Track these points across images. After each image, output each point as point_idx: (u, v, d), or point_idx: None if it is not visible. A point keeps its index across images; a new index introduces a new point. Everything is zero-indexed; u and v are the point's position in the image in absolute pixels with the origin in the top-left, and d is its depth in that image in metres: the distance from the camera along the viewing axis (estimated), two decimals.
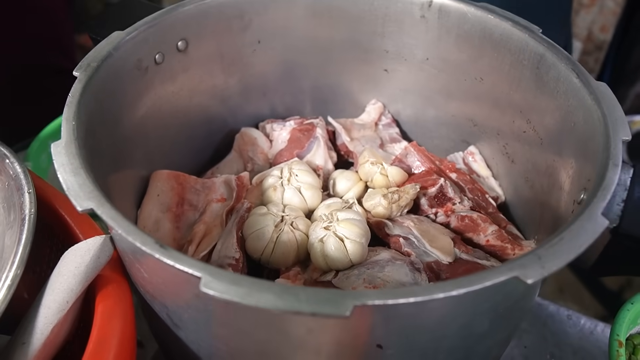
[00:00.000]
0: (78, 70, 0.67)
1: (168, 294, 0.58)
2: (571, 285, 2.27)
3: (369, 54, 0.95)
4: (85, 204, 0.52)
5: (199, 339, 0.59)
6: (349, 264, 0.71)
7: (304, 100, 1.02)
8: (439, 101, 0.94)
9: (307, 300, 0.43)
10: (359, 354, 0.54)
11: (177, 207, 0.80)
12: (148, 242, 0.48)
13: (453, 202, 0.81)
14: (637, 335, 0.78)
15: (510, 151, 0.86)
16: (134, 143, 0.77)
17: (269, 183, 0.81)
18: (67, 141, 0.58)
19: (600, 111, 0.62)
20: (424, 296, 0.43)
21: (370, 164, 0.85)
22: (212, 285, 0.44)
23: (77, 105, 0.62)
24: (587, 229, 0.49)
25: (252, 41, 0.90)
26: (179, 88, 0.85)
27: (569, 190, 0.67)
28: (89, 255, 0.59)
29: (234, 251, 0.72)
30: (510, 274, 0.45)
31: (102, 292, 0.60)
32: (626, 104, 2.68)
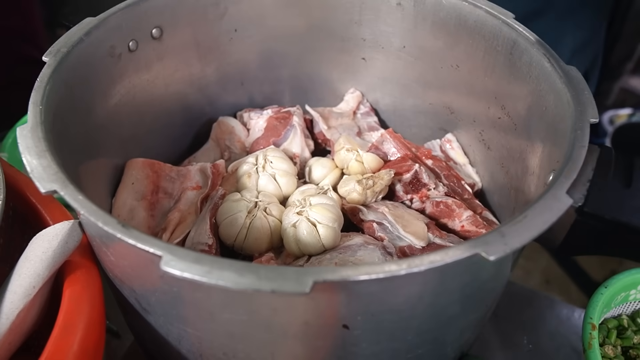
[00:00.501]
0: (47, 56, 0.66)
1: (135, 277, 0.57)
2: (558, 278, 2.28)
3: (347, 43, 0.95)
4: (49, 185, 0.51)
5: (167, 322, 0.59)
6: (322, 248, 0.71)
7: (282, 90, 1.01)
8: (416, 89, 0.94)
9: (267, 277, 0.43)
10: (326, 335, 0.53)
11: (152, 195, 0.80)
12: (110, 222, 0.48)
13: (428, 188, 0.81)
14: (611, 319, 0.78)
15: (486, 138, 0.86)
16: (107, 131, 0.77)
17: (243, 170, 0.81)
18: (33, 125, 0.57)
19: (570, 94, 0.63)
20: (385, 273, 0.43)
21: (346, 150, 0.85)
22: (172, 263, 0.44)
23: (44, 90, 0.62)
24: (551, 207, 0.49)
25: (228, 29, 0.90)
26: (154, 76, 0.84)
27: (540, 174, 0.67)
28: (56, 240, 0.59)
29: (207, 237, 0.72)
30: (472, 251, 0.45)
31: (70, 278, 0.60)
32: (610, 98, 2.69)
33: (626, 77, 2.65)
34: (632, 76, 2.66)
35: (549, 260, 2.32)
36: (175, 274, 0.44)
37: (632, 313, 0.80)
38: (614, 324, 0.77)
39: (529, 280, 2.21)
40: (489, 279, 0.57)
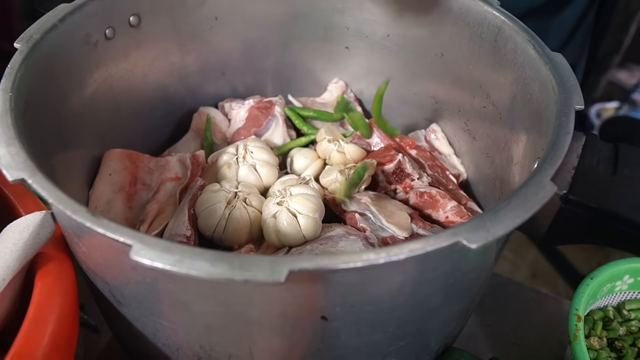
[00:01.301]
0: (19, 42, 0.64)
1: (107, 269, 0.56)
2: (545, 272, 2.28)
3: (330, 32, 0.94)
4: (16, 174, 0.49)
5: (142, 315, 0.57)
6: (302, 239, 0.69)
7: (265, 80, 1.00)
8: (401, 79, 0.93)
9: (241, 266, 0.41)
10: (304, 327, 0.52)
11: (130, 187, 0.78)
12: (79, 211, 0.46)
13: (412, 178, 0.80)
14: (597, 311, 0.77)
15: (471, 127, 0.85)
16: (84, 121, 0.75)
17: (223, 160, 0.80)
18: (2, 112, 0.55)
19: (555, 81, 0.62)
20: (363, 262, 0.42)
21: (328, 141, 0.84)
22: (142, 253, 0.42)
23: (15, 77, 0.60)
24: (535, 194, 0.48)
25: (208, 17, 0.88)
26: (133, 65, 0.83)
27: (524, 163, 0.66)
28: (27, 232, 0.57)
29: (185, 229, 0.70)
30: (453, 239, 0.43)
31: (42, 270, 0.58)
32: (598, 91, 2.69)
33: (613, 70, 2.65)
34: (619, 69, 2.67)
35: (536, 254, 2.32)
36: (145, 263, 0.42)
37: (618, 304, 0.80)
38: (599, 315, 0.77)
39: (516, 274, 2.21)
40: (471, 268, 0.56)
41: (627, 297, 0.79)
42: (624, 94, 2.61)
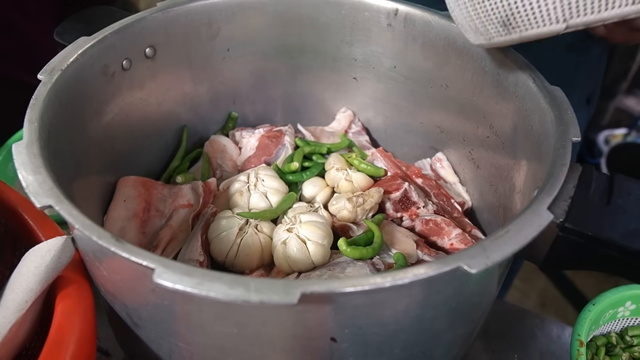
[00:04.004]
0: (43, 74, 0.67)
1: (127, 292, 0.58)
2: (554, 300, 2.28)
3: (338, 63, 0.97)
4: (44, 200, 0.52)
5: (158, 337, 0.60)
6: (311, 265, 0.71)
7: (274, 109, 1.03)
8: (407, 109, 0.96)
9: (256, 289, 0.44)
10: (314, 348, 0.54)
11: (143, 213, 0.80)
12: (104, 236, 0.49)
13: (417, 206, 0.82)
14: (600, 337, 0.78)
15: (475, 157, 0.87)
16: (100, 148, 0.78)
17: (235, 188, 0.82)
18: (28, 141, 0.58)
19: (554, 113, 0.65)
20: (371, 285, 0.44)
21: (336, 170, 0.86)
22: (165, 276, 0.45)
23: (40, 108, 0.63)
24: (532, 222, 0.50)
25: (221, 49, 0.92)
26: (147, 95, 0.86)
27: (525, 191, 0.68)
28: (49, 256, 0.60)
29: (198, 254, 0.73)
30: (455, 264, 0.46)
31: (62, 293, 0.60)
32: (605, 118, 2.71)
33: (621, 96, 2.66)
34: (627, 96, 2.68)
35: (545, 282, 2.31)
36: (167, 285, 0.44)
37: (621, 330, 0.81)
38: (602, 341, 0.78)
39: (525, 302, 2.21)
40: (474, 293, 0.58)
41: (629, 323, 0.80)
42: (631, 121, 2.63)
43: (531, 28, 0.59)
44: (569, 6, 0.55)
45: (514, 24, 0.60)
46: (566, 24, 0.57)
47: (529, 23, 0.58)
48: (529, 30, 0.59)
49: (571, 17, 0.56)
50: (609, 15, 0.54)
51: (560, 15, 0.56)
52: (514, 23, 0.59)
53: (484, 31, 0.63)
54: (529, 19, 0.58)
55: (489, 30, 0.63)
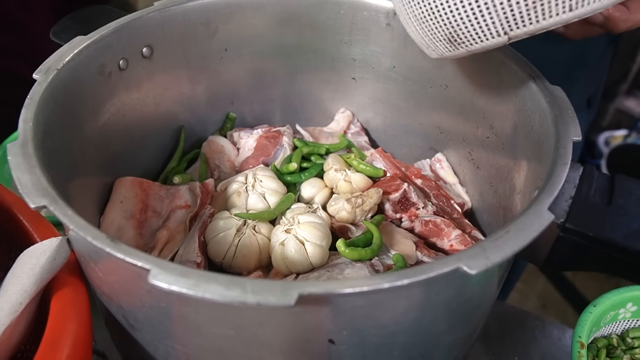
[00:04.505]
0: (38, 74, 0.67)
1: (123, 293, 0.57)
2: (554, 301, 2.27)
3: (337, 63, 0.96)
4: (38, 201, 0.52)
5: (155, 339, 0.59)
6: (310, 266, 0.71)
7: (273, 109, 1.02)
8: (406, 109, 0.95)
9: (253, 290, 0.43)
10: (312, 350, 0.53)
11: (140, 214, 0.80)
12: (99, 237, 0.48)
13: (417, 207, 0.82)
14: (601, 339, 0.78)
15: (475, 157, 0.87)
16: (96, 149, 0.77)
17: (233, 189, 0.82)
18: (23, 141, 0.58)
19: (554, 113, 0.64)
20: (369, 286, 0.44)
21: (334, 170, 0.85)
22: (160, 277, 0.44)
23: (35, 108, 0.62)
24: (533, 223, 0.50)
25: (219, 49, 0.91)
26: (144, 95, 0.85)
27: (526, 192, 0.67)
28: (44, 257, 0.59)
29: (195, 255, 0.72)
30: (454, 265, 0.45)
31: (57, 294, 0.59)
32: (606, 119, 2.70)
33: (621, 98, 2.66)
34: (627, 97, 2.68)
35: (545, 284, 2.31)
36: (163, 287, 0.44)
37: (622, 332, 0.80)
38: (603, 343, 0.77)
39: (526, 304, 2.21)
40: (474, 294, 0.58)
41: (630, 325, 0.79)
42: (632, 122, 2.63)
43: (475, 43, 0.60)
44: (507, 20, 0.56)
45: (458, 40, 0.61)
46: (508, 36, 0.58)
47: (472, 38, 0.60)
48: (474, 44, 0.60)
49: (511, 29, 0.57)
50: (549, 23, 0.55)
51: (500, 29, 0.57)
52: (459, 39, 0.61)
53: (435, 47, 0.65)
54: (471, 35, 0.59)
55: (438, 47, 0.64)
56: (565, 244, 0.58)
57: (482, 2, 0.56)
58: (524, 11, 0.55)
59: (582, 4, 0.54)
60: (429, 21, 0.61)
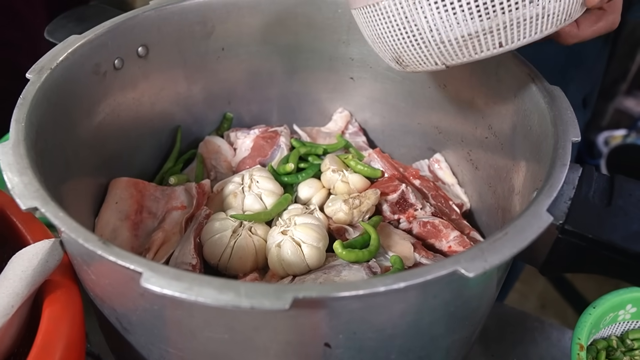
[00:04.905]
0: (31, 73, 0.66)
1: (115, 296, 0.57)
2: (554, 302, 2.27)
3: (335, 62, 0.96)
4: (30, 202, 0.51)
5: (149, 342, 0.58)
6: (306, 268, 0.70)
7: (270, 109, 1.02)
8: (404, 109, 0.95)
9: (247, 294, 0.42)
10: (308, 354, 0.53)
11: (135, 215, 0.79)
12: (91, 239, 0.48)
13: (415, 208, 0.81)
14: (601, 340, 0.77)
15: (474, 158, 0.86)
16: (91, 149, 0.76)
17: (229, 189, 0.81)
18: (15, 142, 0.57)
19: (553, 113, 0.64)
20: (365, 289, 0.43)
21: (332, 171, 0.85)
22: (153, 280, 0.43)
23: (28, 107, 0.62)
24: (531, 224, 0.49)
25: (215, 48, 0.90)
26: (140, 94, 0.84)
27: (525, 193, 0.67)
28: (36, 259, 0.58)
29: (190, 257, 0.71)
30: (452, 268, 0.44)
31: (50, 297, 0.59)
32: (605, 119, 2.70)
33: (620, 98, 2.66)
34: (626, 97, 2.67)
35: (545, 284, 2.31)
36: (155, 290, 0.43)
37: (621, 334, 0.80)
38: (603, 345, 0.77)
39: (525, 304, 2.20)
40: (472, 297, 0.57)
41: (630, 326, 0.79)
42: (631, 122, 2.62)
43: (418, 67, 0.64)
44: (442, 54, 0.60)
45: (403, 63, 0.65)
46: (445, 66, 0.62)
47: (414, 64, 0.64)
48: (418, 68, 0.64)
49: (447, 61, 0.61)
50: (484, 56, 0.59)
51: (437, 60, 0.61)
52: (403, 63, 0.65)
53: (390, 62, 0.67)
54: (412, 62, 0.64)
55: (390, 63, 0.67)
56: (564, 246, 0.57)
57: (419, 39, 0.60)
58: (457, 49, 0.59)
59: (511, 41, 0.58)
60: (378, 43, 0.65)
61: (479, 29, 0.57)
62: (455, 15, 0.56)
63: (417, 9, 0.57)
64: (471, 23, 0.56)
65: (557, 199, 0.53)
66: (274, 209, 0.78)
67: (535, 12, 0.56)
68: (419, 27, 0.58)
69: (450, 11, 0.56)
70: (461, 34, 0.57)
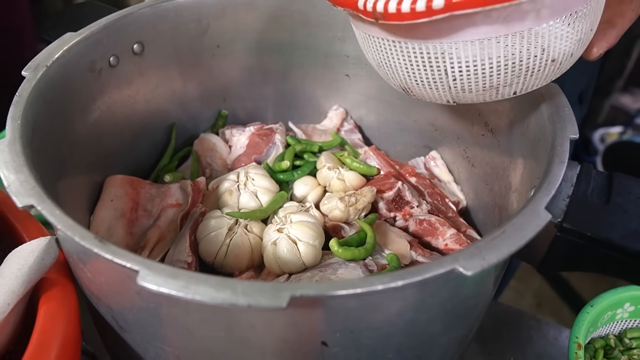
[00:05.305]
0: (27, 71, 0.66)
1: (111, 294, 0.56)
2: (550, 300, 2.27)
3: (330, 59, 0.95)
4: (26, 200, 0.51)
5: (145, 340, 0.58)
6: (302, 266, 0.70)
7: (265, 106, 1.01)
8: (400, 106, 0.94)
9: (244, 292, 0.42)
10: (305, 352, 0.53)
11: (131, 213, 0.79)
12: (87, 237, 0.47)
13: (411, 206, 0.81)
14: (598, 339, 0.77)
15: (470, 155, 0.86)
16: (86, 147, 0.76)
17: (224, 187, 0.80)
18: (11, 139, 0.57)
19: (551, 111, 0.64)
20: (363, 288, 0.43)
21: (328, 168, 0.84)
22: (149, 278, 0.43)
23: (24, 105, 0.61)
24: (530, 222, 0.49)
25: (211, 45, 0.90)
26: (135, 92, 0.84)
27: (522, 190, 0.67)
28: (32, 257, 0.58)
29: (186, 255, 0.71)
30: (449, 266, 0.44)
31: (46, 295, 0.58)
32: (601, 116, 2.70)
33: (616, 94, 2.66)
34: (622, 94, 2.67)
35: (541, 282, 2.31)
36: (151, 288, 0.43)
37: (619, 333, 0.79)
38: (600, 343, 0.76)
39: (521, 303, 2.20)
40: (470, 295, 0.57)
41: (628, 325, 0.79)
42: (627, 119, 2.62)
43: (427, 99, 0.63)
44: (457, 97, 0.60)
45: (411, 94, 0.64)
46: (455, 103, 0.62)
47: (423, 97, 0.63)
48: (427, 99, 0.63)
49: (456, 100, 0.61)
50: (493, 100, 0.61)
51: (449, 98, 0.61)
52: (412, 93, 0.64)
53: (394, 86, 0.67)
54: (422, 96, 0.63)
55: (395, 87, 0.67)
56: (563, 244, 0.57)
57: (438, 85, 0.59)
58: (473, 96, 0.60)
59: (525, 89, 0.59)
60: (386, 70, 0.65)
61: (500, 83, 0.57)
62: (476, 76, 0.57)
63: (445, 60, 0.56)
64: (495, 79, 0.57)
65: (555, 196, 0.52)
66: (269, 207, 0.78)
67: (552, 69, 0.57)
68: (441, 76, 0.58)
69: (472, 73, 0.56)
70: (482, 87, 0.58)
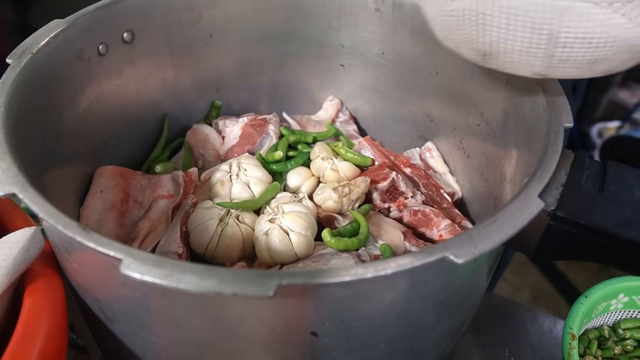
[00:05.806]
0: (11, 57, 0.64)
1: (97, 284, 0.55)
2: (547, 293, 2.26)
3: (325, 49, 0.94)
4: (7, 188, 0.49)
5: (132, 332, 0.57)
6: (294, 257, 0.69)
7: (260, 97, 1.00)
8: (396, 96, 0.94)
9: (230, 280, 0.41)
10: (294, 342, 0.52)
11: (121, 204, 0.78)
12: (70, 225, 0.46)
13: (405, 197, 0.80)
14: (592, 330, 0.77)
15: (465, 146, 0.85)
16: (75, 137, 0.75)
17: (216, 177, 0.79)
18: None
19: (546, 99, 0.63)
20: (352, 276, 0.42)
21: (321, 159, 0.83)
22: (133, 267, 0.42)
23: (7, 92, 0.60)
24: (522, 210, 0.48)
25: (203, 35, 0.89)
26: (126, 81, 0.83)
27: (516, 181, 0.66)
28: (17, 248, 0.57)
29: (176, 246, 0.70)
30: (440, 254, 0.43)
31: (31, 286, 0.57)
32: (599, 111, 2.69)
33: (614, 89, 2.65)
34: (620, 89, 2.66)
35: (538, 276, 2.30)
36: (135, 277, 0.42)
37: (614, 324, 0.79)
38: (595, 334, 0.76)
39: (518, 296, 2.19)
40: (462, 285, 0.56)
41: (622, 316, 0.78)
42: (625, 114, 2.61)
43: (509, 69, 0.58)
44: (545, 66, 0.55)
45: (491, 62, 0.59)
46: (541, 76, 0.57)
47: (506, 67, 0.58)
48: (508, 69, 0.59)
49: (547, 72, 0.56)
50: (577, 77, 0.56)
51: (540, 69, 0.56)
52: (492, 62, 0.59)
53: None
54: (505, 63, 0.58)
55: (472, 58, 0.61)
56: (556, 233, 0.56)
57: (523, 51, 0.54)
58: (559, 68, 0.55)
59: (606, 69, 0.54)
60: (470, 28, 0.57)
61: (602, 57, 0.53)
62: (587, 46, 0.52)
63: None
64: (602, 52, 0.53)
65: (549, 184, 0.52)
66: (262, 197, 0.77)
67: None
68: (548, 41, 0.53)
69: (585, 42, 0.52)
70: (589, 59, 0.53)
